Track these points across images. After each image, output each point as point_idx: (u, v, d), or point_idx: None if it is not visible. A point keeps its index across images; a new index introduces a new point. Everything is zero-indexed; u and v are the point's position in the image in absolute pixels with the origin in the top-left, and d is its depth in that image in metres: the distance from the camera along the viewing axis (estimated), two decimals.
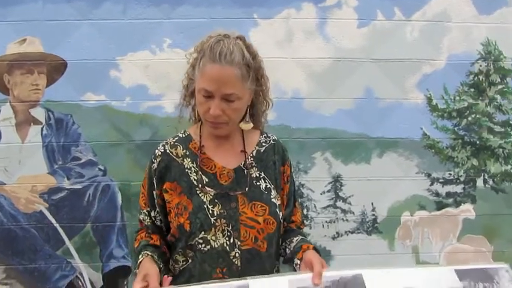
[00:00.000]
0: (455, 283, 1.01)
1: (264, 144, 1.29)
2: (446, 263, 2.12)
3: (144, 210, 1.29)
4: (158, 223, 1.28)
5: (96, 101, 2.00)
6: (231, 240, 1.15)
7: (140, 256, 1.18)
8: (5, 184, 1.95)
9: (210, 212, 1.16)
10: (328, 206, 2.07)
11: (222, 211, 1.17)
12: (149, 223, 1.29)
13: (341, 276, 1.01)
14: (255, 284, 1.00)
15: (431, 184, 2.13)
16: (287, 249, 1.26)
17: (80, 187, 1.97)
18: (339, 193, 2.08)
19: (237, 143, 1.26)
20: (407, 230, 2.12)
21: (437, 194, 2.13)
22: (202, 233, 1.16)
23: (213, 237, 1.16)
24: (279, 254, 1.27)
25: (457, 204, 2.14)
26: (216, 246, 1.15)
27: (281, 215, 1.23)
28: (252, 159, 1.25)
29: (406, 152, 2.11)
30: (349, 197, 2.08)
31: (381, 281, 1.01)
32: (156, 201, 1.25)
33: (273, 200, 1.22)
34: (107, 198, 1.97)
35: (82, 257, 1.97)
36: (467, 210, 2.15)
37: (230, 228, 1.16)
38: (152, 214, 1.28)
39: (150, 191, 1.26)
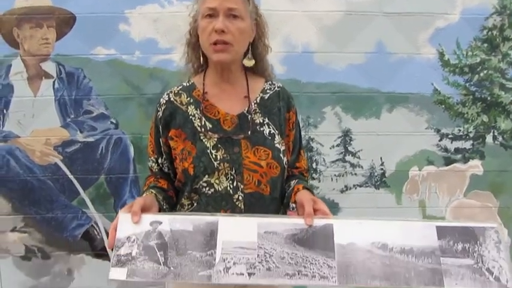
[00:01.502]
0: (432, 241, 0.98)
1: (268, 91, 1.30)
2: (452, 218, 2.16)
3: (152, 158, 1.32)
4: (166, 170, 1.31)
5: (106, 55, 1.99)
6: (234, 184, 1.19)
7: (144, 194, 1.21)
8: (19, 137, 1.98)
9: (214, 156, 1.19)
10: (337, 160, 2.09)
11: (225, 155, 1.19)
12: (157, 170, 1.33)
13: (310, 225, 1.01)
14: (224, 221, 1.02)
15: (441, 140, 2.13)
16: (286, 194, 1.28)
17: (93, 140, 2.00)
18: (348, 147, 2.09)
19: (240, 90, 1.27)
20: (415, 185, 2.14)
21: (446, 150, 2.14)
22: (206, 176, 1.19)
23: (217, 181, 1.19)
24: (283, 199, 1.30)
25: (465, 160, 2.15)
26: (220, 189, 1.19)
27: (285, 160, 1.26)
28: (255, 105, 1.26)
29: (416, 108, 2.10)
30: (358, 151, 2.10)
31: (350, 232, 0.99)
32: (162, 148, 1.28)
33: (277, 145, 1.24)
34: (119, 150, 2.01)
35: (97, 207, 2.03)
36: (475, 166, 2.16)
37: (233, 172, 1.19)
38: (160, 161, 1.31)
39: (156, 139, 1.29)
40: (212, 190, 1.19)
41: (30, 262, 2.03)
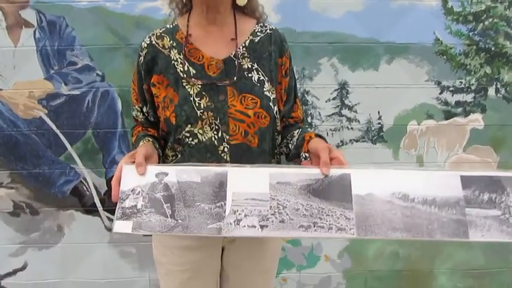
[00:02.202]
0: (456, 191, 0.93)
1: (259, 33, 1.20)
2: None
3: (136, 107, 1.25)
4: (152, 119, 1.24)
5: (89, 1, 1.87)
6: (219, 134, 1.12)
7: (141, 142, 1.15)
8: (1, 90, 1.90)
9: (197, 104, 1.12)
10: (333, 114, 2.02)
11: (209, 104, 1.12)
12: (143, 119, 1.26)
13: (327, 174, 0.95)
14: (234, 172, 0.97)
15: (441, 92, 2.05)
16: (290, 145, 1.21)
17: (78, 93, 1.92)
18: (345, 101, 2.01)
19: (227, 32, 1.17)
20: (413, 139, 2.08)
21: (446, 103, 2.06)
22: (189, 126, 1.12)
23: (200, 131, 1.12)
24: (274, 151, 1.23)
25: (466, 113, 2.08)
26: (204, 140, 1.12)
27: (276, 109, 1.17)
28: (244, 49, 1.17)
29: (417, 59, 2.01)
30: (355, 105, 2.02)
31: (369, 182, 0.94)
32: (146, 96, 1.20)
33: (266, 93, 1.15)
34: (106, 104, 1.93)
35: (85, 163, 1.97)
36: (475, 120, 2.09)
37: (218, 121, 1.12)
38: (145, 110, 1.24)
39: (139, 86, 1.21)
40: (196, 141, 1.13)
41: (19, 218, 2.00)
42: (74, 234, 2.03)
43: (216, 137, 1.12)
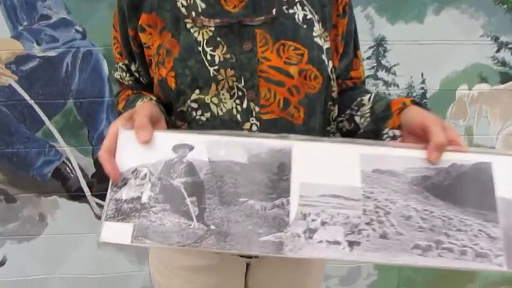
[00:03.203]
0: None
1: None
2: (504, 147, 1.78)
3: (121, 64, 0.87)
4: (145, 81, 0.88)
5: None
6: (244, 105, 0.75)
7: (139, 102, 0.77)
8: None
9: (209, 57, 0.74)
10: (367, 76, 1.65)
11: (228, 56, 0.74)
12: (131, 81, 0.89)
13: (457, 161, 0.59)
14: (302, 149, 0.61)
15: (498, 50, 1.68)
16: (358, 119, 0.83)
17: (55, 54, 1.55)
18: (382, 61, 1.65)
19: None
20: (462, 107, 1.73)
21: (503, 64, 1.70)
22: (197, 91, 0.75)
23: (215, 99, 0.75)
24: (326, 129, 0.86)
25: None
26: (220, 113, 0.76)
27: (331, 66, 0.80)
28: None
29: (471, 9, 1.62)
30: (394, 65, 1.65)
31: None
32: (132, 47, 0.83)
33: (317, 39, 0.78)
34: (89, 67, 1.57)
35: (67, 140, 1.63)
36: None
37: (242, 84, 0.74)
38: (133, 68, 0.86)
39: (123, 32, 0.82)
40: (208, 115, 0.76)
41: None
42: (58, 224, 1.73)
43: (240, 108, 0.75)
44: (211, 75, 0.74)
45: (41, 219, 1.71)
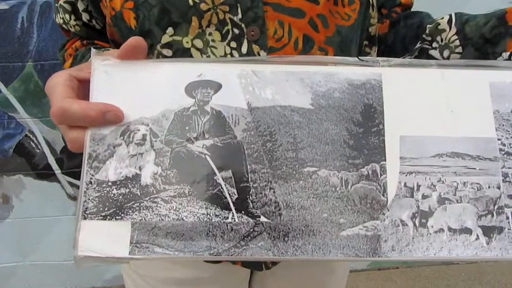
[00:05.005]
0: None
1: None
2: None
3: (62, 2, 0.62)
4: (99, 26, 0.64)
5: None
6: (244, 49, 0.51)
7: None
8: None
9: None
10: None
11: None
12: (79, 27, 0.64)
13: None
14: (398, 78, 0.39)
15: None
16: (434, 53, 0.56)
17: (7, 7, 1.30)
18: None
19: None
20: None
21: None
22: (170, 30, 0.52)
23: (198, 42, 0.52)
24: None
25: None
26: None
27: None
28: None
29: None
30: None
31: None
32: None
33: None
34: (49, 23, 1.33)
35: (29, 110, 1.41)
36: None
37: (239, 16, 0.51)
38: (80, 7, 0.62)
39: None
40: None
41: None
42: (26, 206, 1.53)
43: (237, 54, 0.52)
44: (191, 3, 0.51)
45: (4, 201, 1.51)
